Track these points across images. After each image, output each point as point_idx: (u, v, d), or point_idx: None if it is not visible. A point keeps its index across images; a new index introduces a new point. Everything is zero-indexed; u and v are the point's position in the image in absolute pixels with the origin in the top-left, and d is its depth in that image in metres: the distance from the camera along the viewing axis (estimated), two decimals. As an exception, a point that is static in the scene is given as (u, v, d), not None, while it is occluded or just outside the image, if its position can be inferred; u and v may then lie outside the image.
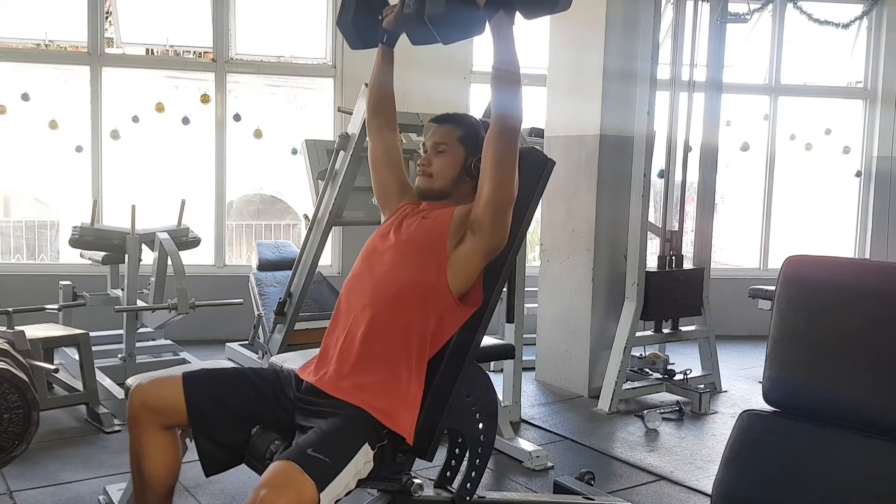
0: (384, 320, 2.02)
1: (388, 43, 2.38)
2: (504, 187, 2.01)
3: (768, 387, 1.64)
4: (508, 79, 2.00)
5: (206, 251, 5.43)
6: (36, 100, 5.48)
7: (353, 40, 2.46)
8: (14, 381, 2.65)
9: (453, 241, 2.06)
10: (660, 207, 5.08)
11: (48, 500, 2.85)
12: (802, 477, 1.55)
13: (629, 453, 3.52)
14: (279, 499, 1.64)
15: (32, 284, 5.11)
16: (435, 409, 2.04)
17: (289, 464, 1.71)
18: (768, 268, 6.29)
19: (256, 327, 4.48)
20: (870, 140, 6.32)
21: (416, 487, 2.06)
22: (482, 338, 2.17)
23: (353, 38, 2.45)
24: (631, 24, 4.29)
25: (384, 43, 2.38)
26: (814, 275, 1.63)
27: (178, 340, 4.86)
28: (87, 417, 3.70)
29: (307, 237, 3.96)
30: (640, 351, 4.53)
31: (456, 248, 2.06)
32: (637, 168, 4.24)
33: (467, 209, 2.08)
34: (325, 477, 1.72)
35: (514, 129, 1.99)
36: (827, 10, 6.03)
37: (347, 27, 2.40)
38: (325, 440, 1.83)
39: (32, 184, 6.03)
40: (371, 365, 2.00)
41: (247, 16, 5.72)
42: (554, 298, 4.62)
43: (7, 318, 3.46)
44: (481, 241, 2.03)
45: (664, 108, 4.46)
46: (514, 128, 1.99)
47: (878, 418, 1.50)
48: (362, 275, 2.14)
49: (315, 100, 6.03)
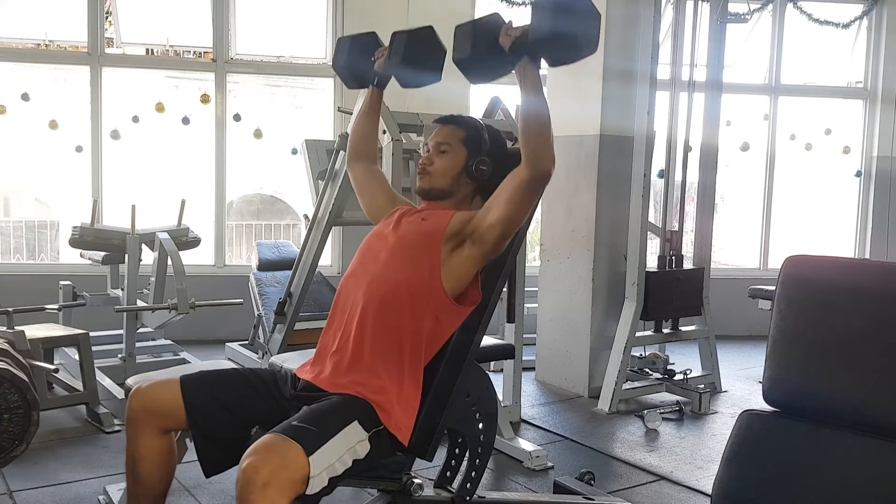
0: (378, 318, 2.02)
1: (379, 85, 2.44)
2: (518, 218, 2.03)
3: (768, 387, 1.64)
4: (538, 124, 1.94)
5: (206, 251, 5.43)
6: (36, 100, 5.48)
7: (348, 81, 2.55)
8: (14, 381, 2.65)
9: (449, 244, 2.06)
10: (660, 207, 5.08)
11: (48, 500, 2.85)
12: (802, 477, 1.55)
13: (629, 453, 3.52)
14: (262, 465, 1.64)
15: (32, 284, 5.11)
16: (435, 409, 2.04)
17: (272, 434, 1.72)
18: (768, 268, 6.30)
19: (256, 327, 4.48)
20: (870, 140, 6.32)
21: (416, 487, 2.06)
22: (482, 338, 2.17)
23: (348, 80, 2.54)
24: (631, 23, 4.29)
25: (375, 85, 2.43)
26: (814, 275, 1.63)
27: (178, 340, 4.86)
28: (87, 417, 3.70)
29: (307, 237, 3.96)
30: (640, 351, 4.53)
31: (452, 251, 2.06)
32: (637, 168, 4.24)
33: (468, 216, 2.07)
34: (311, 443, 1.71)
35: (545, 177, 1.94)
36: (827, 10, 6.03)
37: (342, 69, 2.49)
38: (311, 414, 1.84)
39: (32, 184, 6.03)
40: (366, 363, 2.00)
41: (247, 16, 5.72)
42: (554, 298, 4.62)
43: (7, 318, 3.46)
44: (480, 252, 2.05)
45: (664, 108, 4.46)
46: (545, 176, 1.94)
47: (878, 418, 1.50)
48: (358, 273, 2.15)
49: (315, 100, 6.03)
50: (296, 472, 1.67)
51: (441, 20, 6.65)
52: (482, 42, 1.97)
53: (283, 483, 1.64)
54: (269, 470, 1.63)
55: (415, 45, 2.25)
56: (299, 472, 1.67)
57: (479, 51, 1.97)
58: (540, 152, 1.92)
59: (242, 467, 1.65)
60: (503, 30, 1.96)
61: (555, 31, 1.86)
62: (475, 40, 1.97)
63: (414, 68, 2.28)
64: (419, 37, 2.27)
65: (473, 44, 1.97)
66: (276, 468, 1.64)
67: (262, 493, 1.61)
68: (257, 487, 1.61)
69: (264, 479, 1.62)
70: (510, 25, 1.96)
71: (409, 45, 2.24)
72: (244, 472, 1.64)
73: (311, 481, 1.69)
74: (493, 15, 2.03)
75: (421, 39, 2.28)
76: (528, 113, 1.95)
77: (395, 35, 2.28)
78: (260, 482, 1.61)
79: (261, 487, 1.61)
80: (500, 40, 1.95)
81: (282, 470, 1.65)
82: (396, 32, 2.28)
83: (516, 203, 1.98)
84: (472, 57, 1.99)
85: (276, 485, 1.63)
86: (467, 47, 1.98)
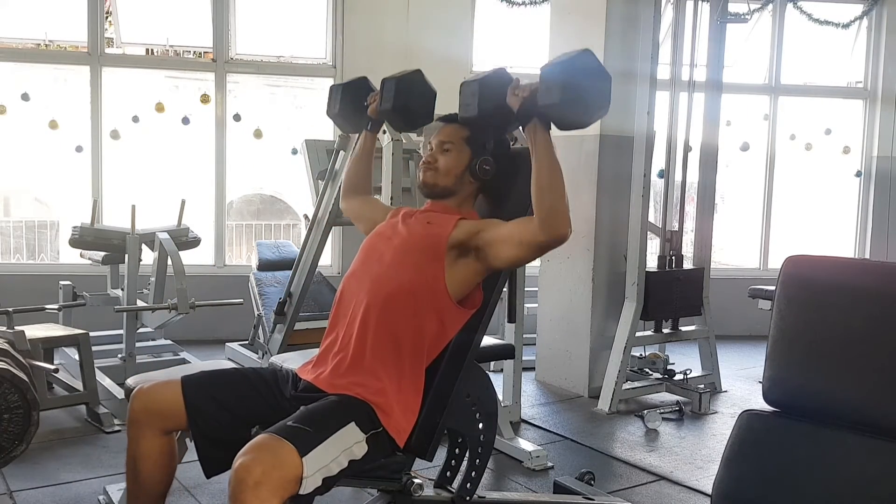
0: (381, 319, 2.01)
1: (372, 129, 2.50)
2: (526, 261, 2.06)
3: (768, 387, 1.64)
4: (552, 190, 1.87)
5: (206, 251, 5.43)
6: (36, 100, 5.48)
7: (343, 126, 2.61)
8: (14, 381, 2.65)
9: (453, 252, 2.05)
10: (660, 207, 5.08)
11: (48, 500, 2.85)
12: (802, 477, 1.55)
13: (629, 453, 3.52)
14: (254, 464, 1.63)
15: (32, 284, 5.11)
16: (435, 409, 2.04)
17: (266, 434, 1.72)
18: (768, 268, 6.29)
19: (256, 327, 4.48)
20: (870, 140, 6.32)
21: (416, 487, 2.06)
22: (482, 338, 2.17)
23: (343, 125, 2.60)
24: (631, 23, 4.28)
25: (368, 130, 2.49)
26: (814, 275, 1.63)
27: (178, 340, 4.86)
28: (87, 417, 3.70)
29: (307, 237, 3.96)
30: (640, 351, 4.53)
31: (457, 259, 2.05)
32: (637, 168, 4.24)
33: (474, 228, 2.05)
34: (305, 443, 1.71)
35: (560, 241, 1.91)
36: (827, 10, 6.03)
37: (336, 117, 2.56)
38: (307, 414, 1.84)
39: (32, 184, 6.03)
40: (367, 363, 2.00)
41: (247, 16, 5.72)
42: (554, 298, 4.62)
43: (7, 318, 3.46)
44: (484, 267, 2.04)
45: (664, 108, 4.46)
46: (560, 240, 1.90)
47: (878, 418, 1.50)
48: (361, 273, 2.14)
49: (315, 100, 6.02)
50: (288, 472, 1.67)
51: (441, 20, 6.66)
52: (488, 101, 1.92)
53: (276, 483, 1.64)
54: (261, 470, 1.63)
55: (404, 91, 2.29)
56: (292, 472, 1.67)
57: (486, 110, 1.93)
58: (554, 218, 1.87)
59: (235, 466, 1.65)
60: (510, 89, 1.90)
61: (564, 99, 1.78)
62: (481, 100, 1.92)
63: (404, 113, 2.32)
64: (408, 82, 2.31)
65: (479, 103, 1.92)
66: (268, 468, 1.64)
67: (254, 493, 1.61)
68: (249, 487, 1.61)
69: (256, 479, 1.62)
70: (517, 84, 1.90)
71: (399, 90, 2.28)
72: (236, 471, 1.64)
73: (305, 482, 1.68)
74: (499, 71, 1.99)
75: (409, 84, 2.31)
76: (542, 178, 1.88)
77: (384, 81, 2.33)
78: (252, 482, 1.61)
79: (252, 487, 1.61)
80: (508, 100, 1.90)
81: (274, 470, 1.64)
82: (386, 78, 2.32)
83: (525, 253, 1.97)
84: (479, 117, 1.95)
85: (268, 484, 1.62)
86: (474, 107, 1.93)
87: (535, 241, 1.91)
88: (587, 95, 1.83)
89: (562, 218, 1.88)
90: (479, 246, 2.02)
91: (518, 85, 1.91)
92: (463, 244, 2.04)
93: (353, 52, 5.63)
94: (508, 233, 1.97)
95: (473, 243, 2.03)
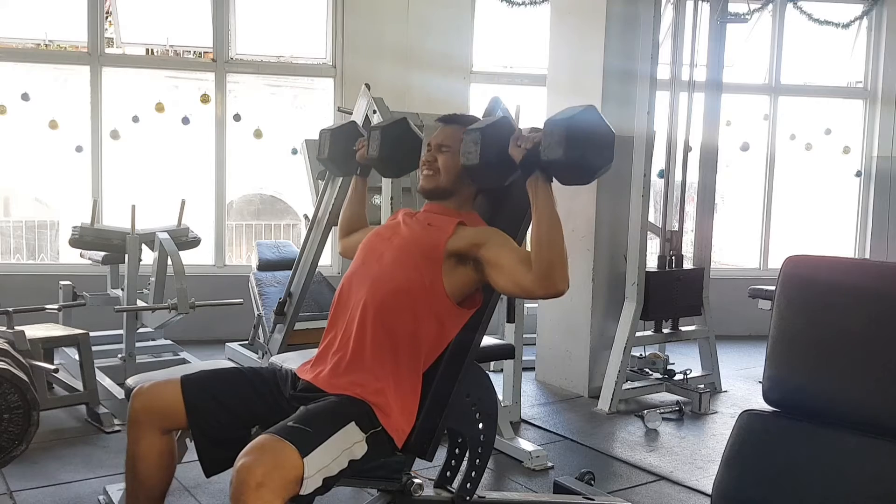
0: (380, 319, 2.01)
1: (362, 174, 2.56)
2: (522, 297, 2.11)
3: (768, 387, 1.64)
4: (551, 245, 1.87)
5: (206, 251, 5.43)
6: (36, 100, 5.48)
7: (334, 171, 2.70)
8: (14, 381, 2.65)
9: (452, 259, 2.04)
10: (660, 207, 5.08)
11: (48, 500, 2.85)
12: (802, 477, 1.55)
13: (629, 453, 3.52)
14: (256, 465, 1.64)
15: (32, 284, 5.11)
16: (435, 409, 2.04)
17: (267, 435, 1.73)
18: (768, 268, 6.29)
19: (256, 327, 4.48)
20: (870, 140, 6.32)
21: (416, 487, 2.06)
22: (482, 338, 2.17)
23: (333, 169, 2.68)
24: (631, 23, 4.29)
25: (358, 175, 2.55)
26: (814, 275, 1.63)
27: (178, 340, 4.86)
28: (87, 417, 3.70)
29: (307, 237, 3.96)
30: (640, 351, 4.53)
31: (456, 265, 2.04)
32: (637, 168, 4.24)
33: (475, 239, 2.03)
34: (306, 443, 1.71)
35: (557, 296, 1.91)
36: (827, 10, 6.03)
37: (326, 162, 2.64)
38: (307, 415, 1.84)
39: (32, 184, 6.03)
40: (366, 363, 2.00)
41: (247, 16, 5.72)
42: (554, 299, 4.61)
43: (7, 318, 3.46)
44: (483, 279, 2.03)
45: (664, 108, 4.46)
46: (556, 296, 1.91)
47: (878, 418, 1.50)
48: (360, 272, 2.14)
49: (315, 100, 6.03)
50: (290, 473, 1.67)
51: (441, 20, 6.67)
52: (490, 151, 1.92)
53: (277, 484, 1.64)
54: (263, 471, 1.63)
55: (390, 139, 2.34)
56: (293, 472, 1.67)
57: (489, 160, 1.93)
58: (551, 275, 1.87)
59: (236, 468, 1.65)
60: (513, 140, 1.90)
61: (568, 157, 1.78)
62: (483, 149, 1.92)
63: (391, 162, 2.39)
64: (393, 132, 2.36)
65: (482, 154, 1.92)
66: (269, 469, 1.64)
67: (256, 494, 1.61)
68: (251, 488, 1.61)
69: (258, 480, 1.62)
70: (520, 136, 1.90)
71: (384, 140, 2.34)
72: (238, 472, 1.64)
73: (306, 482, 1.69)
74: (502, 120, 2.01)
75: (395, 135, 2.36)
76: (541, 233, 1.87)
77: (370, 129, 2.39)
78: (254, 483, 1.61)
79: (254, 488, 1.61)
80: (511, 151, 1.89)
81: (275, 471, 1.65)
82: (372, 127, 2.39)
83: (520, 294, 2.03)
84: (481, 166, 1.94)
85: (270, 485, 1.63)
86: (476, 156, 1.93)
87: (530, 291, 1.92)
88: (590, 154, 1.82)
89: (559, 274, 1.87)
90: (477, 258, 2.00)
91: (520, 136, 1.90)
92: (461, 253, 2.03)
93: (353, 52, 5.63)
94: (508, 265, 1.94)
95: (472, 255, 2.01)
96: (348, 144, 2.53)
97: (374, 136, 2.36)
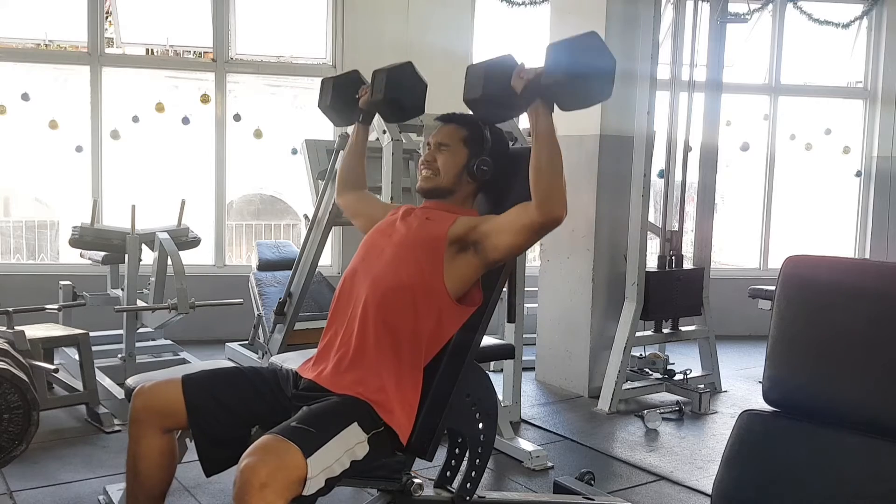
0: (380, 315, 2.02)
1: (364, 121, 2.52)
2: (523, 249, 2.10)
3: (768, 387, 1.64)
4: (551, 170, 1.90)
5: (206, 251, 5.43)
6: (36, 100, 5.48)
7: (334, 120, 2.64)
8: (14, 381, 2.65)
9: (453, 247, 2.06)
10: (660, 207, 5.08)
11: (48, 500, 2.85)
12: (802, 477, 1.55)
13: (629, 453, 3.52)
14: (260, 466, 1.64)
15: (32, 284, 5.11)
16: (435, 409, 2.04)
17: (270, 436, 1.73)
18: (768, 268, 6.29)
19: (256, 327, 4.48)
20: (870, 140, 6.32)
21: (416, 487, 2.06)
22: (482, 338, 2.17)
23: (334, 118, 2.63)
24: (631, 23, 4.28)
25: (360, 122, 2.52)
26: (814, 275, 1.63)
27: (178, 340, 4.86)
28: (87, 417, 3.70)
29: (307, 237, 3.96)
30: (640, 351, 4.53)
31: (456, 255, 2.06)
32: (637, 168, 4.24)
33: (472, 222, 2.06)
34: (309, 444, 1.72)
35: (556, 223, 1.92)
36: (827, 10, 6.03)
37: (327, 109, 2.60)
38: (310, 415, 1.85)
39: (32, 184, 6.03)
40: (367, 360, 2.00)
41: (247, 16, 5.72)
42: (554, 298, 4.62)
43: (7, 318, 3.46)
44: (482, 261, 2.05)
45: (664, 108, 4.46)
46: (555, 222, 1.92)
47: (878, 418, 1.50)
48: (361, 269, 2.15)
49: (315, 100, 6.00)
50: (293, 474, 1.67)
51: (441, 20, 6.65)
52: (493, 83, 1.95)
53: (281, 484, 1.64)
54: (266, 471, 1.63)
55: (395, 81, 2.32)
56: (297, 473, 1.67)
57: (491, 92, 1.96)
58: (551, 199, 1.89)
59: (240, 468, 1.65)
60: (516, 72, 1.93)
61: (569, 75, 1.83)
62: (486, 81, 1.95)
63: (396, 104, 2.35)
64: (398, 73, 2.34)
65: (485, 85, 1.95)
66: (273, 470, 1.64)
67: (260, 495, 1.61)
68: (255, 488, 1.61)
69: (262, 481, 1.62)
70: (522, 67, 1.93)
71: (389, 82, 2.31)
72: (242, 472, 1.64)
73: (309, 483, 1.69)
74: (506, 56, 2.02)
75: (401, 75, 2.34)
76: (541, 158, 1.91)
77: (375, 73, 2.36)
78: (257, 483, 1.62)
79: (258, 489, 1.61)
80: (513, 82, 1.92)
81: (279, 471, 1.65)
82: (377, 70, 2.35)
83: (523, 239, 2.00)
84: (483, 98, 1.97)
85: (274, 486, 1.63)
86: (479, 88, 1.97)
87: (531, 224, 1.93)
88: (591, 74, 1.87)
89: (558, 198, 1.90)
90: (477, 239, 2.03)
91: (523, 68, 1.94)
92: (461, 239, 2.05)
93: (353, 52, 5.63)
94: (505, 221, 2.00)
95: (472, 237, 2.04)
96: (351, 92, 2.49)
97: (378, 78, 2.32)
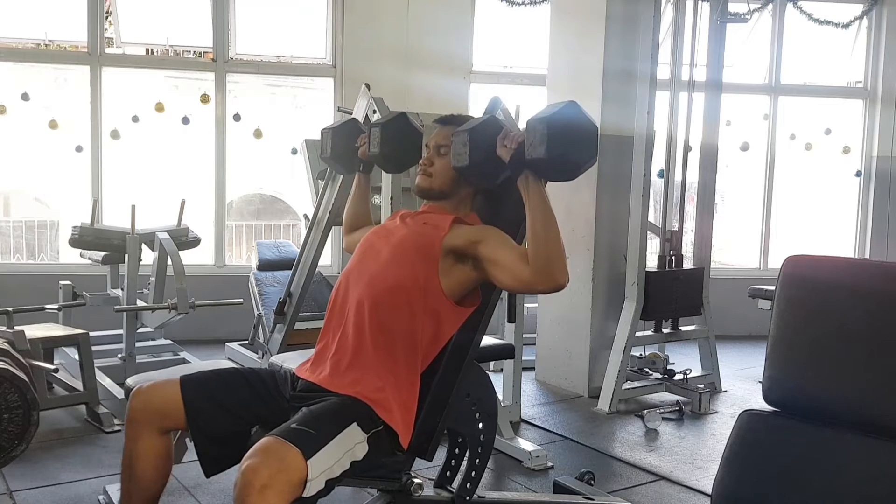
0: (377, 316, 2.02)
1: (365, 170, 2.57)
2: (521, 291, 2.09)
3: (768, 387, 1.64)
4: (548, 242, 1.87)
5: (206, 251, 5.43)
6: (36, 100, 5.48)
7: (338, 169, 2.72)
8: (14, 381, 2.65)
9: (449, 258, 2.04)
10: (660, 207, 5.08)
11: (48, 500, 2.85)
12: (802, 477, 1.55)
13: (629, 453, 3.52)
14: (261, 468, 1.64)
15: (32, 284, 5.11)
16: (434, 409, 2.04)
17: (271, 437, 1.73)
18: (768, 268, 6.29)
19: (256, 327, 4.48)
20: (870, 140, 6.32)
21: (416, 487, 2.06)
22: (482, 338, 2.17)
23: (338, 168, 2.70)
24: (631, 23, 4.29)
25: (361, 172, 2.57)
26: (814, 275, 1.63)
27: (178, 340, 4.86)
28: (87, 417, 3.70)
29: (307, 237, 3.96)
30: (640, 351, 4.53)
31: (454, 264, 2.05)
32: (637, 168, 4.24)
33: (471, 237, 2.03)
34: (309, 446, 1.72)
35: (557, 290, 1.91)
36: (827, 10, 6.03)
37: (329, 161, 2.67)
38: (310, 416, 1.85)
39: (32, 184, 6.04)
40: (365, 361, 2.00)
41: (247, 16, 5.72)
42: (554, 298, 4.61)
43: (7, 318, 3.46)
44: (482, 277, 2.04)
45: (664, 108, 4.46)
46: (557, 289, 1.90)
47: (878, 418, 1.50)
48: (357, 270, 2.15)
49: (315, 100, 6.03)
50: (294, 476, 1.67)
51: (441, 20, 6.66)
52: (479, 152, 1.95)
53: (282, 486, 1.65)
54: (267, 473, 1.64)
55: (390, 137, 2.35)
56: (297, 475, 1.68)
57: (477, 160, 1.96)
58: (550, 267, 1.87)
59: (241, 470, 1.65)
60: (499, 140, 1.92)
61: (550, 154, 1.78)
62: (472, 151, 1.95)
63: (392, 157, 2.40)
64: (392, 127, 2.37)
65: (471, 155, 1.96)
66: (274, 471, 1.64)
67: (261, 496, 1.61)
68: (255, 490, 1.61)
69: (263, 482, 1.62)
70: (506, 135, 1.92)
71: (385, 137, 2.35)
72: (243, 474, 1.64)
73: (309, 484, 1.69)
74: (489, 120, 2.03)
75: (395, 130, 2.37)
76: (537, 229, 1.88)
77: (371, 126, 2.40)
78: (258, 485, 1.62)
79: (259, 490, 1.62)
80: (498, 151, 1.92)
81: (280, 473, 1.65)
82: (373, 123, 2.40)
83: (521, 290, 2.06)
84: (471, 166, 1.98)
85: (275, 488, 1.63)
86: (465, 157, 1.97)
87: (531, 286, 1.93)
88: (572, 150, 1.82)
89: (558, 268, 1.87)
90: (477, 257, 2.01)
91: (506, 136, 1.92)
92: (459, 251, 2.03)
93: (353, 52, 5.63)
94: (507, 261, 1.94)
95: (471, 253, 2.01)
96: (350, 142, 2.54)
97: (374, 132, 2.36)
